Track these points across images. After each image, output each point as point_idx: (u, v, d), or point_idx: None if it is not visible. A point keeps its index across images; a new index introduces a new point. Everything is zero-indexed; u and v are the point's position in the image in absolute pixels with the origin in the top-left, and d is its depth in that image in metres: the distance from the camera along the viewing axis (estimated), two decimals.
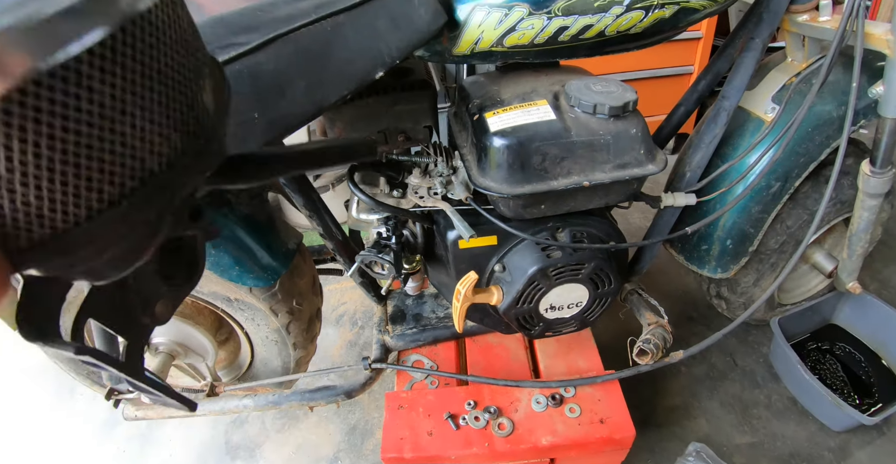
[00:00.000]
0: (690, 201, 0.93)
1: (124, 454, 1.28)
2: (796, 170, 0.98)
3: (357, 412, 1.28)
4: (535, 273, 0.79)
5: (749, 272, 1.15)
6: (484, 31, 0.72)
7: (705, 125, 0.95)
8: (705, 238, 1.06)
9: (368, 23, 0.64)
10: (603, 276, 0.84)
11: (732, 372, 1.31)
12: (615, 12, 0.72)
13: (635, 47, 0.81)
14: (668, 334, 0.93)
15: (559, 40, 0.74)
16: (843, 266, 1.12)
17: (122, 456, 1.28)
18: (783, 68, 0.98)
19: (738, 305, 1.24)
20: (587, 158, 0.74)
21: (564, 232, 0.82)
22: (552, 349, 1.00)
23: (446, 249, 0.83)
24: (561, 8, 0.70)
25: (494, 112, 0.75)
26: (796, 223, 1.08)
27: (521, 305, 0.82)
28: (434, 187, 0.81)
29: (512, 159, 0.72)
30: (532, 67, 0.86)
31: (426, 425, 0.86)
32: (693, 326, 1.42)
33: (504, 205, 0.76)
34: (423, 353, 1.00)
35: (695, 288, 1.50)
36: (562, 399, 0.89)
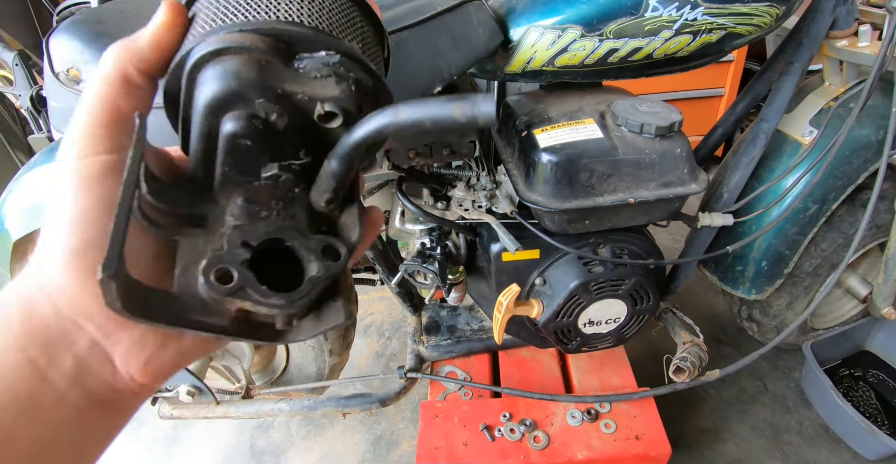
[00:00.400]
0: (728, 222, 0.94)
1: (150, 454, 1.30)
2: (833, 193, 0.99)
3: (383, 422, 1.28)
4: (576, 287, 0.80)
5: (782, 295, 1.15)
6: (537, 50, 0.75)
7: (743, 147, 0.96)
8: (740, 259, 1.06)
9: (430, 40, 0.67)
10: (642, 292, 0.85)
11: (763, 396, 1.30)
12: (664, 36, 0.74)
13: (679, 70, 0.84)
14: (704, 353, 0.93)
15: (608, 62, 0.76)
16: (878, 291, 1.12)
17: (147, 456, 1.29)
18: (821, 92, 1.00)
19: (769, 328, 1.23)
20: (633, 176, 0.76)
21: (605, 248, 0.84)
22: (585, 365, 1.00)
23: (489, 261, 0.84)
24: (612, 31, 0.73)
25: (543, 129, 0.77)
26: (831, 247, 1.07)
27: (560, 318, 0.83)
28: (479, 200, 0.83)
29: (560, 175, 0.74)
30: (576, 87, 0.89)
31: (461, 436, 0.86)
32: (722, 348, 1.41)
33: (549, 219, 0.78)
34: (456, 364, 1.01)
35: (724, 310, 1.49)
36: (597, 414, 0.89)
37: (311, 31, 0.24)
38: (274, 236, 0.23)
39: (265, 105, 0.22)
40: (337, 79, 0.23)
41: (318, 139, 0.24)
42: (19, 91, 1.29)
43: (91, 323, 0.22)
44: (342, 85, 0.23)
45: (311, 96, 0.23)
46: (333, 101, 0.23)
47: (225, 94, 0.22)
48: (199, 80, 0.23)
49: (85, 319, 0.22)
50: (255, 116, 0.22)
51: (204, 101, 0.22)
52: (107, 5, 0.77)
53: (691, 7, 0.71)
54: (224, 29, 0.23)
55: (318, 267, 0.23)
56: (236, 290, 0.21)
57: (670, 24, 0.73)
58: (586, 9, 0.72)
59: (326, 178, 0.24)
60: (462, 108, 0.21)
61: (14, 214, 0.91)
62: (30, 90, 1.24)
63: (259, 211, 0.23)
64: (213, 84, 0.22)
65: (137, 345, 0.23)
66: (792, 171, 0.95)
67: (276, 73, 0.22)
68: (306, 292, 0.22)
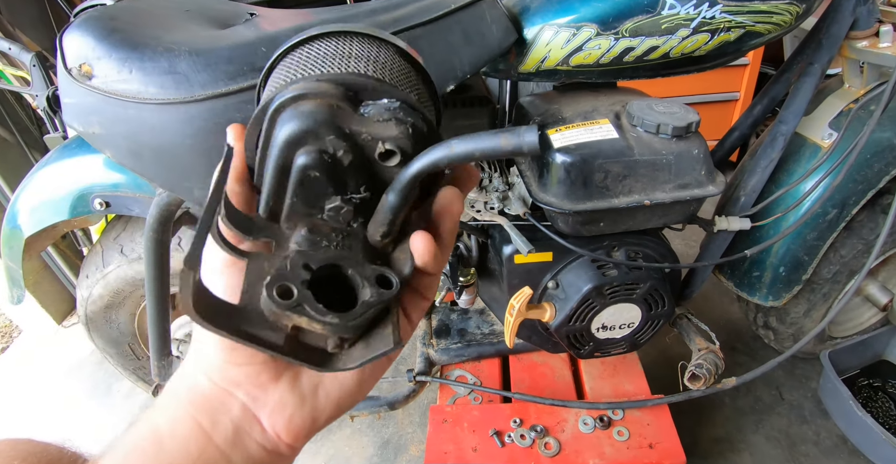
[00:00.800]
0: (745, 226, 0.92)
1: None
2: (854, 197, 0.96)
3: (391, 427, 1.27)
4: (589, 291, 0.79)
5: (800, 302, 1.12)
6: (551, 49, 0.74)
7: (761, 150, 0.94)
8: (757, 264, 1.04)
9: (443, 38, 0.67)
10: (657, 297, 0.83)
11: (779, 406, 1.26)
12: (682, 35, 0.73)
13: (696, 70, 0.82)
14: (720, 360, 0.91)
15: (624, 61, 0.75)
16: None
17: None
18: (841, 94, 0.98)
19: (786, 336, 1.20)
20: (649, 178, 0.74)
21: (620, 251, 0.82)
22: (597, 371, 0.98)
23: (500, 264, 0.83)
24: (628, 29, 0.72)
25: (557, 129, 0.76)
26: (851, 253, 1.05)
27: (573, 323, 0.81)
28: (491, 202, 0.82)
29: (574, 176, 0.72)
30: (590, 87, 0.88)
31: (471, 441, 0.84)
32: (737, 357, 1.38)
33: (563, 221, 0.77)
34: (466, 368, 0.99)
35: (739, 317, 1.46)
36: (610, 421, 0.87)
37: (376, 81, 0.27)
38: (333, 263, 0.25)
39: (334, 142, 0.25)
40: (396, 122, 0.26)
41: (378, 178, 0.27)
42: (36, 91, 1.31)
43: (240, 390, 0.26)
44: (401, 127, 0.26)
45: (374, 136, 0.25)
46: (393, 141, 0.25)
47: (302, 130, 0.25)
48: (279, 120, 0.26)
49: (235, 387, 0.26)
50: (324, 151, 0.25)
51: (283, 137, 0.25)
52: (120, 3, 0.77)
53: (709, 5, 0.70)
54: (303, 80, 0.27)
55: (372, 293, 0.25)
56: (295, 305, 0.23)
57: (688, 23, 0.72)
58: (602, 6, 0.71)
59: (384, 211, 0.26)
60: (508, 139, 0.24)
61: (26, 211, 0.92)
62: (46, 91, 1.25)
63: (320, 241, 0.26)
64: (293, 123, 0.25)
65: (279, 405, 0.27)
66: (811, 174, 0.93)
67: (345, 116, 0.26)
68: (360, 314, 0.24)
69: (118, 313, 1.04)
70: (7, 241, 0.95)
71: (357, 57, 0.29)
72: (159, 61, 0.62)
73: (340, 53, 0.29)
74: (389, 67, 0.29)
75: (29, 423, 1.46)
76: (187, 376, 0.27)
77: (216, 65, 0.61)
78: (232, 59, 0.61)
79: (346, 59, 0.28)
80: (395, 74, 0.29)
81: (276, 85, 0.28)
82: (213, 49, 0.62)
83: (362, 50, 0.30)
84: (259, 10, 0.82)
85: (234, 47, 0.62)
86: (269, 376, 0.26)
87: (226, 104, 0.60)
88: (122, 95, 0.62)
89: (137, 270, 0.95)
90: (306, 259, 0.25)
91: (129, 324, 1.06)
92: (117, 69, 0.62)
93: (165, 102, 0.61)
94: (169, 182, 0.67)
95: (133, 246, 0.95)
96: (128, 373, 1.12)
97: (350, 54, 0.29)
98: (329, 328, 0.23)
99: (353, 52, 0.29)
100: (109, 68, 0.63)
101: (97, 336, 1.06)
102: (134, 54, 0.62)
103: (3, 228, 0.95)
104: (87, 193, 0.86)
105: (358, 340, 0.26)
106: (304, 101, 0.25)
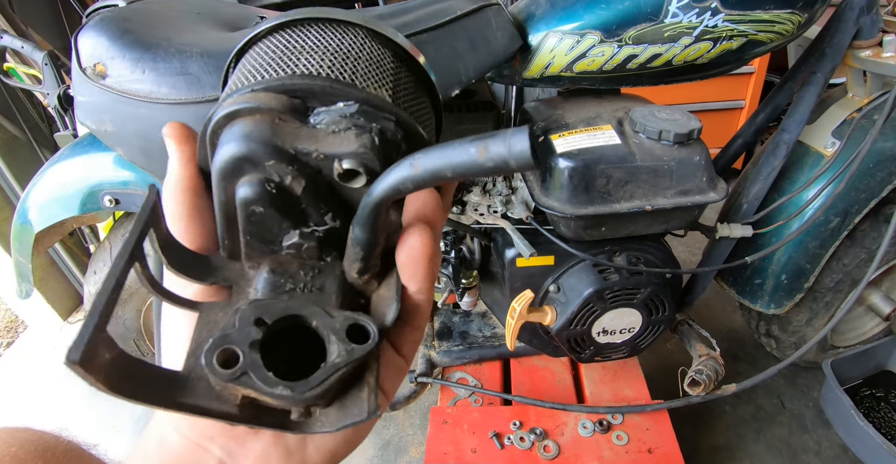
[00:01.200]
0: (747, 233, 0.92)
1: None
2: (856, 206, 0.97)
3: (392, 428, 1.27)
4: (590, 295, 0.79)
5: (802, 311, 1.12)
6: (555, 56, 0.75)
7: (764, 157, 0.95)
8: (759, 272, 1.04)
9: (449, 43, 0.68)
10: (658, 302, 0.83)
11: (780, 415, 1.26)
12: (684, 42, 0.74)
13: (699, 77, 0.83)
14: (720, 367, 0.91)
15: (627, 68, 0.76)
16: None
17: None
18: (843, 104, 0.98)
19: (788, 344, 1.20)
20: (650, 183, 0.75)
21: (622, 256, 0.83)
22: (598, 376, 0.98)
23: (503, 267, 0.84)
24: (632, 37, 0.73)
25: (560, 135, 0.77)
26: (853, 262, 1.05)
27: (574, 326, 0.82)
28: (494, 205, 0.82)
29: (577, 181, 0.73)
30: (594, 93, 0.89)
31: (470, 443, 0.85)
32: (739, 365, 1.38)
33: (565, 225, 0.77)
34: (467, 371, 1.00)
35: (740, 325, 1.46)
36: (609, 426, 0.87)
37: (327, 81, 0.21)
38: (292, 313, 0.20)
39: (277, 167, 0.20)
40: (357, 131, 0.20)
41: (345, 202, 0.22)
42: (47, 90, 1.33)
43: (214, 444, 0.23)
44: (362, 138, 0.20)
45: (326, 154, 0.20)
46: (353, 158, 0.20)
47: (234, 158, 0.20)
48: (218, 145, 0.21)
49: (208, 441, 0.23)
50: (268, 180, 0.20)
51: (216, 169, 0.21)
52: (135, 5, 0.79)
53: (712, 13, 0.71)
54: (239, 90, 0.22)
55: (340, 351, 0.20)
56: (239, 375, 0.19)
57: (690, 31, 0.73)
58: (606, 14, 0.72)
59: (353, 246, 0.22)
60: (489, 150, 0.17)
61: (37, 207, 0.93)
62: (58, 89, 1.27)
63: (284, 283, 0.22)
64: (223, 149, 0.20)
65: (261, 460, 0.23)
66: (813, 182, 0.93)
67: (289, 132, 0.20)
68: (318, 382, 0.19)
69: (124, 310, 1.05)
70: (17, 236, 0.97)
71: (310, 51, 0.23)
72: (172, 62, 0.63)
73: (290, 49, 0.24)
74: (353, 59, 0.23)
75: (31, 416, 1.47)
76: (155, 431, 0.24)
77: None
78: None
79: (295, 55, 0.23)
80: (360, 65, 0.23)
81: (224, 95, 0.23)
82: (224, 51, 0.63)
83: (319, 41, 0.24)
84: (269, 13, 0.84)
85: None
86: (246, 428, 0.22)
87: None
88: (135, 95, 0.64)
89: None
90: (259, 312, 0.20)
91: (135, 320, 1.07)
92: (130, 69, 0.64)
93: (177, 102, 0.62)
94: None
95: None
96: None
97: (301, 49, 0.23)
98: (282, 401, 0.19)
99: (307, 45, 0.24)
100: (123, 68, 0.64)
101: None
102: (147, 55, 0.64)
103: (14, 224, 0.97)
104: (97, 190, 0.88)
105: (332, 402, 0.21)
106: (238, 120, 0.21)
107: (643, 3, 0.70)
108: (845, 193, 0.94)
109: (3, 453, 0.31)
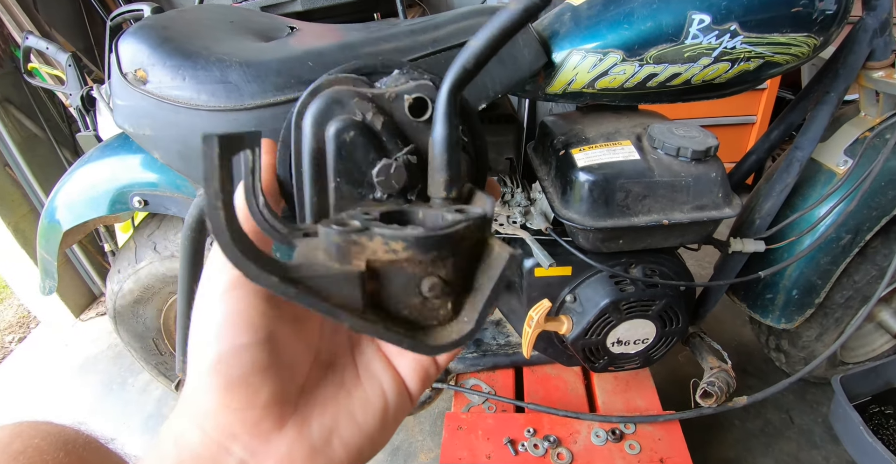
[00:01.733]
0: (759, 248, 0.94)
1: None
2: (867, 223, 0.98)
3: (402, 433, 1.28)
4: (607, 305, 0.81)
5: (812, 326, 1.13)
6: (578, 73, 0.77)
7: (777, 174, 0.96)
8: (771, 286, 1.06)
9: None
10: (672, 314, 0.85)
11: (789, 430, 1.26)
12: (703, 63, 0.76)
13: (716, 96, 0.85)
14: (732, 379, 0.92)
15: (647, 86, 0.78)
16: None
17: None
18: (856, 122, 1.00)
19: (797, 359, 1.21)
20: (668, 198, 0.77)
21: (637, 268, 0.84)
22: (610, 385, 0.99)
23: (521, 276, 0.85)
24: (653, 56, 0.75)
25: (580, 149, 0.79)
26: (864, 279, 1.06)
27: (589, 336, 0.83)
28: (513, 216, 0.84)
29: (597, 194, 0.75)
30: (612, 109, 0.91)
31: (485, 448, 0.86)
32: (748, 379, 1.39)
33: (584, 237, 0.79)
34: (481, 378, 1.01)
35: (750, 340, 1.47)
36: (622, 435, 0.88)
37: (384, 61, 0.28)
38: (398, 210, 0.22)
39: (360, 104, 0.24)
40: (415, 80, 0.26)
41: (416, 142, 0.26)
42: (70, 90, 1.36)
43: (237, 443, 0.21)
44: (421, 80, 0.26)
45: (397, 92, 0.25)
46: (417, 89, 0.25)
47: (326, 104, 0.25)
48: (304, 119, 0.25)
49: (230, 439, 0.21)
50: (353, 115, 0.24)
51: (310, 120, 0.25)
52: (170, 13, 0.82)
53: (731, 36, 0.73)
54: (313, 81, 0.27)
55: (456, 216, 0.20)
56: (363, 228, 0.18)
57: (709, 52, 0.75)
58: (628, 34, 0.74)
59: (438, 153, 0.23)
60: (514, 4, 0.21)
61: (65, 206, 0.96)
62: (80, 90, 1.30)
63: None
64: (315, 101, 0.25)
65: (286, 459, 0.22)
66: (825, 200, 0.95)
67: (363, 87, 0.26)
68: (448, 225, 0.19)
69: (146, 309, 1.07)
70: (45, 233, 0.99)
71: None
72: (211, 70, 0.66)
73: None
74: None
75: (43, 412, 1.49)
76: (174, 427, 0.22)
77: (265, 76, 0.65)
78: (280, 71, 0.65)
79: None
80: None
81: None
82: (262, 61, 0.66)
83: None
84: (298, 23, 0.86)
85: (282, 60, 0.66)
86: (272, 423, 0.22)
87: (273, 113, 0.64)
88: (175, 101, 0.66)
89: (169, 267, 0.99)
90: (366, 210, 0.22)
91: (156, 319, 1.09)
92: (171, 76, 0.67)
93: (216, 109, 0.65)
94: None
95: (166, 244, 0.99)
96: (149, 367, 1.15)
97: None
98: (413, 247, 0.18)
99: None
100: (164, 75, 0.67)
101: (123, 330, 1.09)
102: (187, 63, 0.67)
103: (42, 222, 0.99)
104: (127, 190, 0.90)
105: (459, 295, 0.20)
106: (322, 92, 0.25)
107: (665, 24, 0.72)
108: (857, 210, 0.96)
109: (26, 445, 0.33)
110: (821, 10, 0.73)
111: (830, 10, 0.74)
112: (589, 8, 0.76)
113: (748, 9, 0.71)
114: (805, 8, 0.73)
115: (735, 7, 0.71)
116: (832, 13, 0.74)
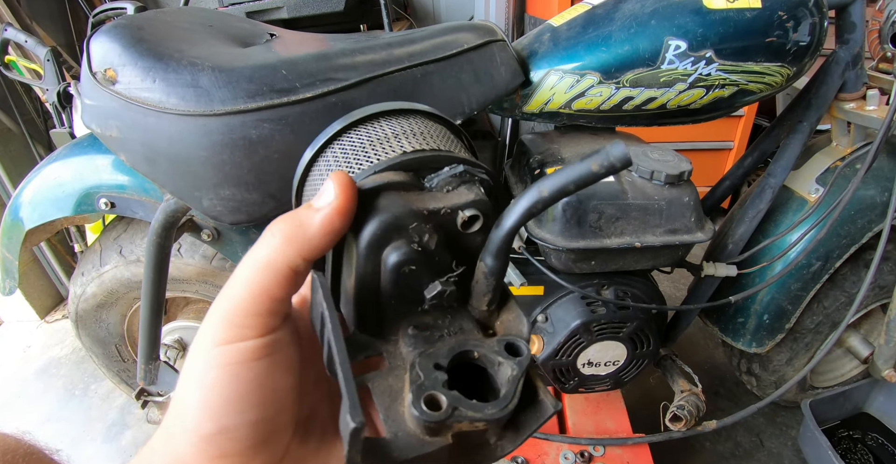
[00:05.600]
0: (731, 273, 0.94)
1: (129, 458, 1.26)
2: (837, 251, 0.99)
3: None
4: (577, 327, 0.80)
5: (783, 350, 1.14)
6: (555, 93, 0.77)
7: (750, 200, 0.98)
8: (742, 311, 1.06)
9: (454, 74, 0.70)
10: (643, 336, 0.84)
11: (759, 452, 1.27)
12: (679, 88, 0.77)
13: (691, 121, 0.86)
14: (702, 403, 0.92)
15: (623, 109, 0.79)
16: (879, 353, 1.11)
17: (126, 460, 1.26)
18: (828, 152, 1.02)
19: (768, 383, 1.22)
20: (640, 221, 0.77)
21: (609, 290, 0.84)
22: (581, 406, 0.99)
23: None
24: (629, 80, 0.75)
25: (555, 168, 0.79)
26: (833, 305, 1.07)
27: (559, 357, 0.83)
28: None
29: (570, 215, 0.75)
30: (590, 130, 0.91)
31: None
32: (720, 402, 1.39)
33: (556, 257, 0.79)
34: None
35: (723, 363, 1.48)
36: (591, 457, 0.87)
37: (431, 153, 0.26)
38: (460, 350, 0.23)
39: (419, 228, 0.23)
40: (468, 186, 0.25)
41: (464, 249, 0.25)
42: (47, 86, 1.33)
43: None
44: (473, 189, 0.25)
45: (452, 208, 0.24)
46: (472, 206, 0.24)
47: (383, 228, 0.23)
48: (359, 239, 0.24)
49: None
50: (412, 241, 0.23)
51: (365, 242, 0.23)
52: (147, 13, 0.80)
53: (706, 63, 0.74)
54: (360, 175, 0.25)
55: (512, 367, 0.22)
56: (451, 412, 0.21)
57: (685, 78, 0.76)
58: (606, 57, 0.75)
59: (484, 278, 0.24)
60: (599, 161, 0.21)
61: (29, 204, 0.93)
62: (58, 86, 1.27)
63: (431, 335, 0.24)
64: (369, 224, 0.23)
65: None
66: (797, 227, 0.96)
67: (416, 198, 0.24)
68: (513, 393, 0.22)
69: (109, 314, 1.04)
70: (7, 232, 0.96)
71: (396, 136, 0.28)
72: (182, 74, 0.64)
73: (379, 138, 0.28)
74: (435, 134, 0.28)
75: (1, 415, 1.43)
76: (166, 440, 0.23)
77: (237, 82, 0.64)
78: (253, 78, 0.64)
79: (387, 141, 0.27)
80: (442, 139, 0.28)
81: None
82: (235, 67, 0.65)
83: (400, 127, 0.29)
84: (278, 30, 0.86)
85: (255, 67, 0.65)
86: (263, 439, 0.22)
87: (243, 121, 0.63)
88: (144, 103, 0.65)
89: (134, 271, 0.96)
90: (434, 359, 0.22)
91: (119, 325, 1.06)
92: (141, 77, 0.65)
93: (185, 114, 0.63)
94: (179, 190, 0.69)
95: (132, 248, 0.96)
96: (111, 374, 1.11)
97: (388, 136, 0.28)
98: (493, 421, 0.21)
99: (389, 132, 0.28)
100: (134, 76, 0.65)
101: (85, 334, 1.06)
102: (159, 65, 0.65)
103: (4, 219, 0.96)
104: (94, 192, 0.88)
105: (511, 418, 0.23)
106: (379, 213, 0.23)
107: (642, 48, 0.73)
108: (827, 238, 0.97)
109: None
110: (795, 41, 0.75)
111: (804, 42, 0.76)
112: (568, 29, 0.77)
113: (724, 37, 0.73)
114: (779, 38, 0.74)
115: (711, 35, 0.72)
116: (805, 45, 0.76)
